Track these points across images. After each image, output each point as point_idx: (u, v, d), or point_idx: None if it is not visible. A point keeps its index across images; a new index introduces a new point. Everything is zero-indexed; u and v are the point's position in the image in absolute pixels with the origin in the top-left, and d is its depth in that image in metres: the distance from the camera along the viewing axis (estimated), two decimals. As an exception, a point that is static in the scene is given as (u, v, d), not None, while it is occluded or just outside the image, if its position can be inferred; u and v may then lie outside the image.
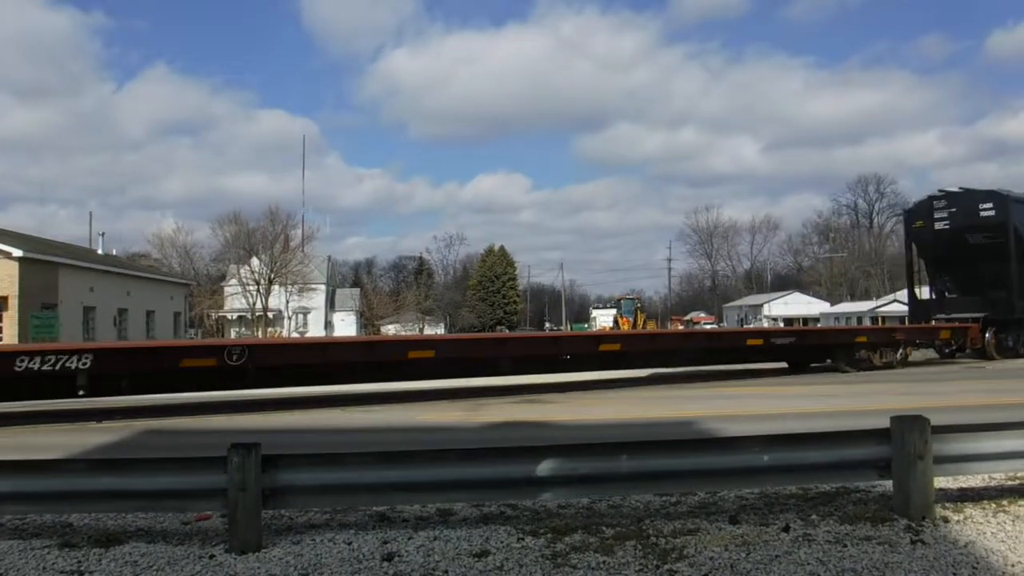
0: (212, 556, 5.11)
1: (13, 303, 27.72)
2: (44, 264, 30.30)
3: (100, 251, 46.12)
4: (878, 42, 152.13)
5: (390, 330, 69.01)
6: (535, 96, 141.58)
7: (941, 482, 6.20)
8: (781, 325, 57.78)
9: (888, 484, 5.84)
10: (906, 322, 29.26)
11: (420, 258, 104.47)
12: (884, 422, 5.73)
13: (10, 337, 27.20)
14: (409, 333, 60.89)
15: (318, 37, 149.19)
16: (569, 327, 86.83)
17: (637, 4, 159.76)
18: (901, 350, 21.94)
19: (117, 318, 36.66)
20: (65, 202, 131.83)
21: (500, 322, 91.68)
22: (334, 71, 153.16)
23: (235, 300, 64.69)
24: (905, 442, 5.52)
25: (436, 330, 74.71)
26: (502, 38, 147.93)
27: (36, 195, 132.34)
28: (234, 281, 64.04)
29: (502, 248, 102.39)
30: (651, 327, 49.77)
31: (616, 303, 65.10)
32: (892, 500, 5.78)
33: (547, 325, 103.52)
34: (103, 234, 49.83)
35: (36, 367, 12.43)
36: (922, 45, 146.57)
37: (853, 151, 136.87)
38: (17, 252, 28.20)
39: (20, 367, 12.37)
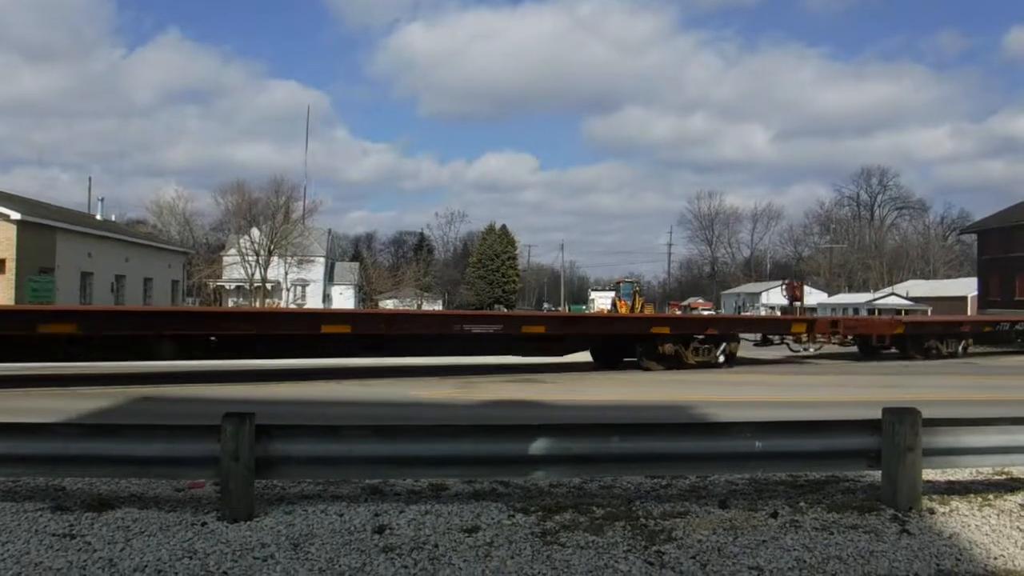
0: (204, 524, 5.14)
1: (10, 266, 27.65)
2: (42, 228, 30.20)
3: (99, 216, 45.90)
4: (895, 36, 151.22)
5: (388, 305, 69.03)
6: (548, 76, 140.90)
7: (929, 474, 6.25)
8: (778, 313, 57.85)
9: (877, 474, 5.87)
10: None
11: (421, 234, 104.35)
12: (877, 413, 5.75)
13: (6, 300, 27.15)
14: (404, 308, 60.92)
15: (334, 8, 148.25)
16: (567, 308, 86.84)
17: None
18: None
19: (115, 284, 36.61)
20: (67, 166, 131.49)
21: (498, 300, 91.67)
22: (348, 43, 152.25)
23: (233, 270, 64.60)
24: (896, 433, 5.54)
25: (435, 306, 74.73)
26: (518, 16, 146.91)
27: (39, 158, 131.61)
28: (233, 251, 63.92)
29: (503, 227, 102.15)
30: (648, 311, 49.82)
31: (615, 286, 65.05)
32: (880, 490, 5.82)
33: (545, 305, 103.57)
34: (102, 199, 49.60)
35: None
36: (939, 40, 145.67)
37: (861, 143, 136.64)
38: (15, 215, 28.09)
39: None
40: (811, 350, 23.26)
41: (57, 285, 29.63)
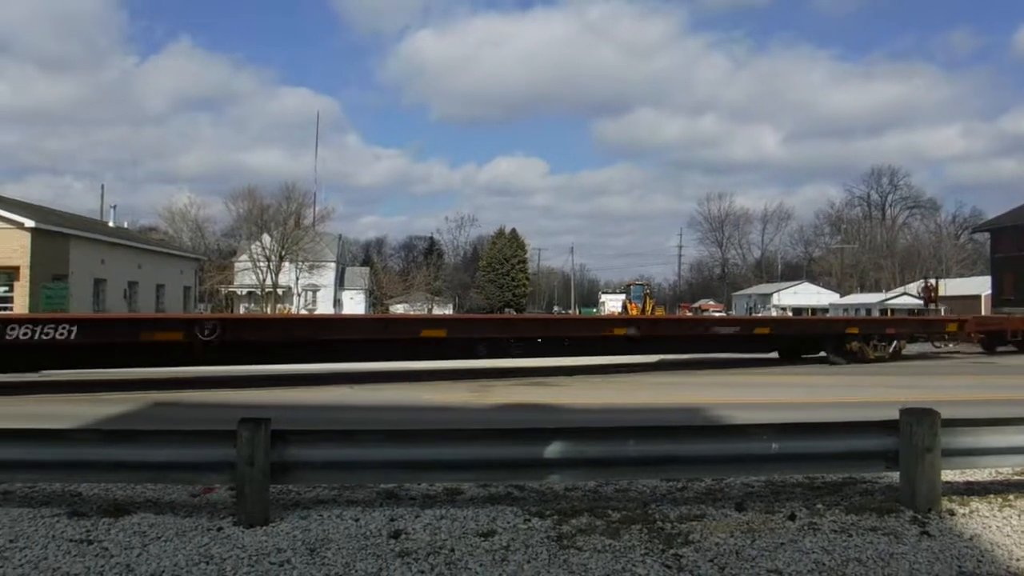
0: (220, 528, 5.15)
1: (25, 273, 27.85)
2: (56, 235, 30.41)
3: (112, 223, 46.20)
4: (905, 36, 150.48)
5: (399, 309, 69.08)
6: (558, 80, 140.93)
7: (948, 475, 6.19)
8: (790, 314, 57.64)
9: (895, 476, 5.82)
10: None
11: (431, 239, 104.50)
12: (894, 414, 5.71)
13: (21, 307, 27.36)
14: (419, 313, 60.95)
15: (344, 15, 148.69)
16: (578, 311, 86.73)
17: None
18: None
19: (127, 291, 36.82)
20: (81, 174, 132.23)
21: (509, 304, 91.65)
22: (359, 50, 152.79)
23: (245, 276, 64.83)
24: (914, 434, 5.49)
25: (445, 310, 74.75)
26: (528, 21, 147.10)
27: (52, 167, 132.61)
28: (245, 257, 64.16)
29: (513, 231, 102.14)
30: (659, 313, 49.67)
31: (625, 288, 64.91)
32: (899, 492, 5.77)
33: (556, 309, 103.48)
34: (115, 207, 49.95)
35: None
36: (950, 39, 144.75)
37: (872, 143, 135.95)
38: (29, 223, 28.30)
39: None
40: (951, 346, 26.35)
41: (71, 292, 29.82)
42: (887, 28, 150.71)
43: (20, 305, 27.45)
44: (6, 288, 28.17)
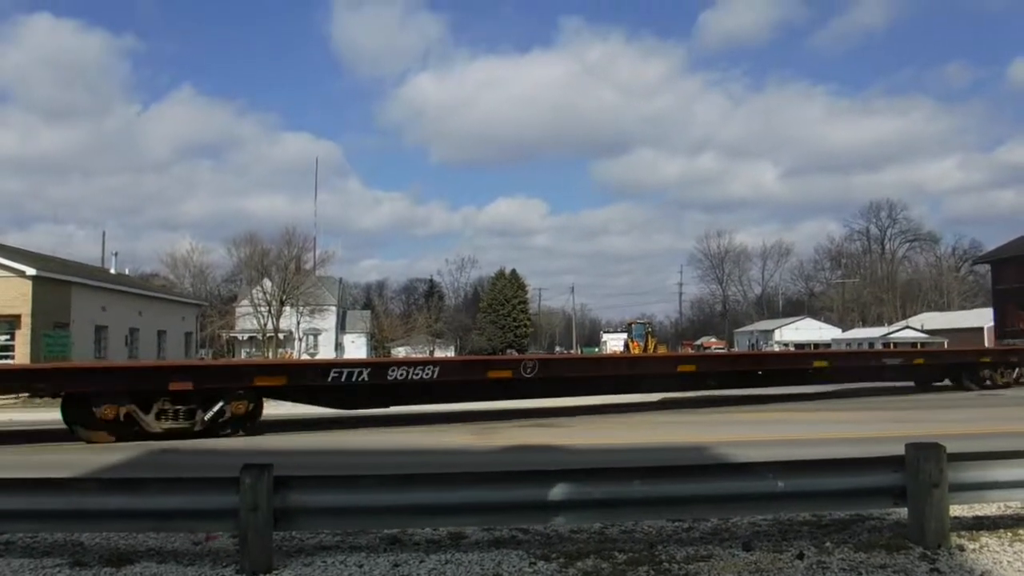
0: (223, 577, 5.09)
1: (26, 321, 27.86)
2: (57, 283, 30.49)
3: (113, 270, 46.36)
4: (902, 70, 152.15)
5: (400, 352, 68.98)
6: (557, 121, 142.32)
7: (957, 510, 6.13)
8: (791, 348, 57.52)
9: (903, 512, 5.77)
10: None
11: (431, 281, 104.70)
12: (899, 449, 5.68)
13: (22, 356, 27.32)
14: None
15: (345, 60, 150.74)
16: (580, 351, 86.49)
17: (663, 31, 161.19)
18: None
19: (128, 337, 36.79)
20: (83, 222, 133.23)
21: (510, 345, 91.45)
22: (359, 95, 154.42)
23: (246, 321, 64.88)
24: (920, 470, 5.46)
25: (447, 352, 74.58)
26: (527, 64, 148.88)
27: (55, 214, 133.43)
28: (246, 302, 64.28)
29: (513, 271, 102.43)
30: (662, 352, 49.54)
31: (627, 327, 64.84)
32: (907, 528, 5.72)
33: (558, 349, 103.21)
34: (116, 254, 50.20)
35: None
36: (945, 72, 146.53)
37: (871, 177, 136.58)
38: (31, 271, 28.40)
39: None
40: None
41: (72, 339, 29.80)
42: (884, 63, 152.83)
43: (21, 354, 27.41)
44: (7, 336, 28.16)
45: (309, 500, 5.41)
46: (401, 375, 14.92)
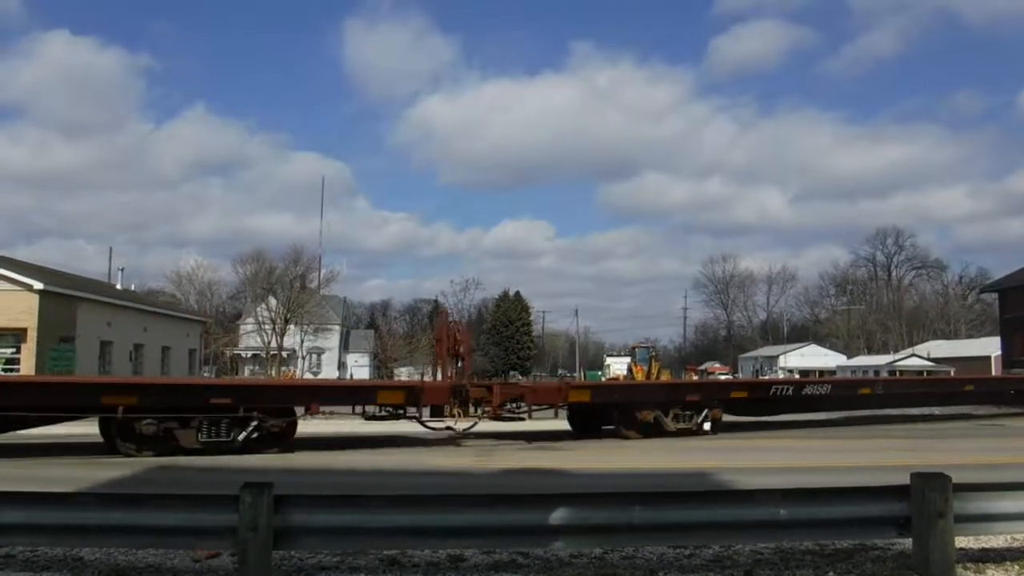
0: (220, 596, 5.06)
1: (32, 335, 27.91)
2: (64, 297, 30.56)
3: (119, 286, 46.51)
4: (912, 98, 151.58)
5: (403, 373, 68.85)
6: (565, 145, 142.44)
7: (962, 541, 6.08)
8: (796, 375, 57.27)
9: (908, 542, 5.72)
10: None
11: (435, 302, 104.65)
12: (904, 478, 5.64)
13: (27, 369, 27.34)
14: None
15: (357, 82, 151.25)
16: (583, 375, 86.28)
17: (672, 57, 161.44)
18: None
19: (133, 353, 36.82)
20: (92, 237, 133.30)
21: (513, 367, 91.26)
22: (370, 116, 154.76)
23: (250, 338, 64.94)
24: (926, 500, 5.42)
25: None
26: (536, 87, 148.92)
27: (64, 229, 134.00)
28: (250, 319, 64.38)
29: (517, 293, 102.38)
30: (665, 377, 49.30)
31: (631, 351, 64.69)
32: (912, 559, 5.66)
33: (561, 372, 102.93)
34: (122, 269, 50.37)
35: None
36: (955, 100, 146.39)
37: (878, 204, 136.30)
38: (38, 285, 28.50)
39: None
40: None
41: (77, 354, 29.84)
42: (894, 91, 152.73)
43: (27, 367, 27.43)
44: (14, 350, 28.21)
45: (309, 520, 5.39)
46: (815, 390, 20.23)
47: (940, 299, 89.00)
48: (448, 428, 16.31)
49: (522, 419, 17.02)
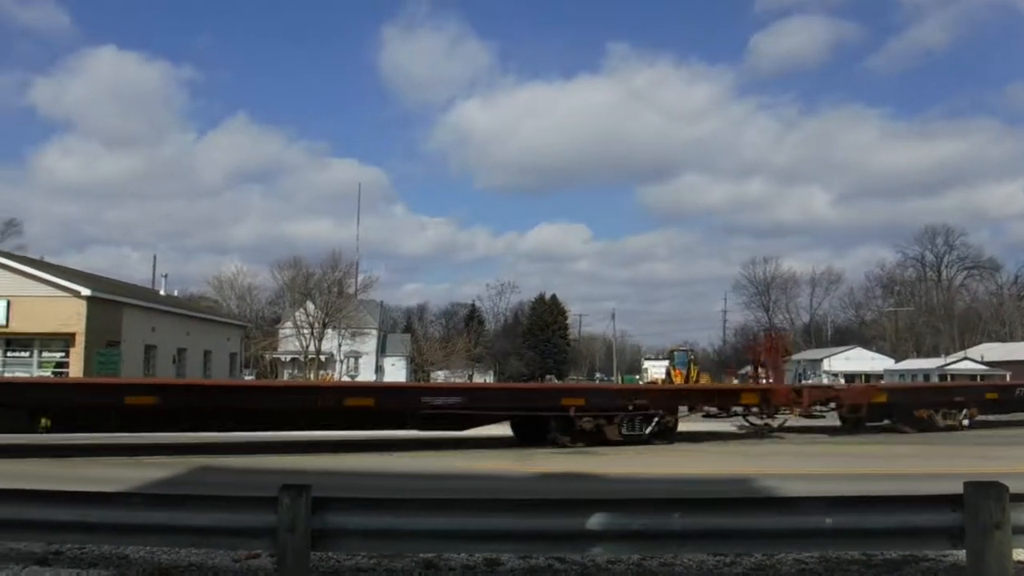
0: (260, 597, 5.09)
1: (80, 340, 28.59)
2: (110, 303, 31.24)
3: (162, 292, 47.44)
4: (963, 91, 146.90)
5: (439, 376, 69.16)
6: (602, 147, 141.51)
7: (1021, 554, 5.86)
8: (842, 381, 56.21)
9: (961, 554, 5.53)
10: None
11: (472, 306, 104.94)
12: (957, 487, 5.45)
13: (76, 372, 27.99)
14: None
15: (393, 88, 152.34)
16: (620, 378, 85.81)
17: (711, 56, 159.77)
18: None
19: (176, 357, 37.50)
20: (138, 245, 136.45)
21: (550, 371, 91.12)
22: (406, 121, 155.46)
23: (289, 342, 65.80)
24: (980, 509, 5.23)
25: (486, 378, 74.59)
26: (572, 90, 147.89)
27: (112, 237, 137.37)
28: (289, 324, 65.23)
29: (553, 297, 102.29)
30: (705, 380, 48.75)
31: (669, 355, 64.11)
32: (965, 571, 5.47)
33: (598, 376, 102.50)
34: (166, 275, 51.40)
35: None
36: (1008, 93, 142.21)
37: (927, 202, 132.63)
38: (85, 291, 29.18)
39: None
40: None
41: (123, 358, 30.49)
42: (943, 85, 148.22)
43: (76, 370, 28.09)
44: (63, 354, 28.95)
45: (347, 522, 5.39)
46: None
47: (994, 300, 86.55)
48: (766, 424, 19.18)
49: (822, 417, 21.04)
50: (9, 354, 29.12)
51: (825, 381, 61.64)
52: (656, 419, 16.86)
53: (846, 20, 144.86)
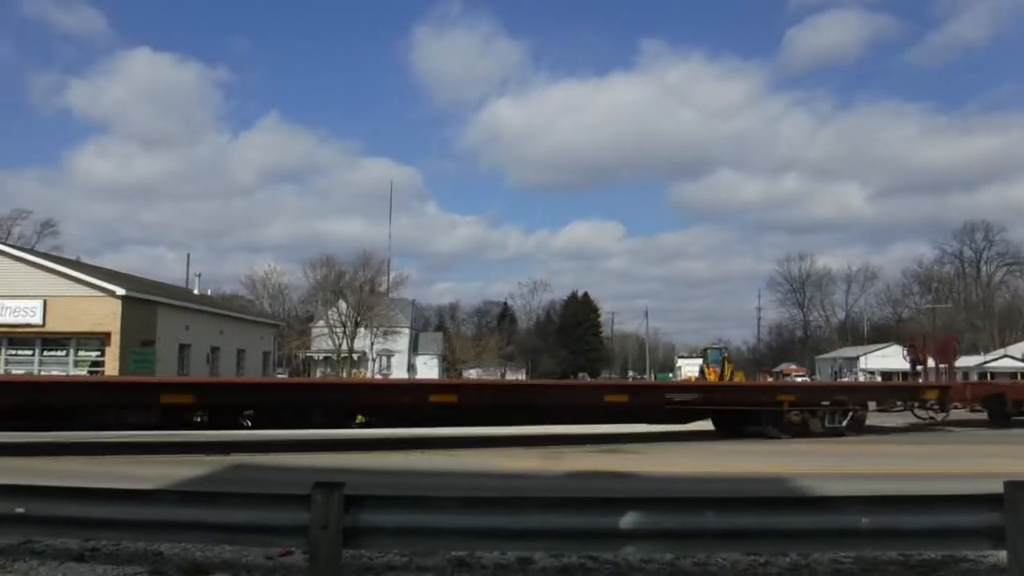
0: (293, 594, 5.13)
1: (115, 339, 29.10)
2: (144, 303, 31.76)
3: (196, 291, 48.14)
4: (1004, 85, 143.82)
5: (472, 375, 69.33)
6: (635, 144, 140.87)
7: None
8: (878, 379, 55.29)
9: (1002, 555, 5.41)
10: None
11: (504, 304, 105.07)
12: (997, 486, 5.33)
13: (111, 371, 28.51)
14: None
15: (426, 87, 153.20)
16: (654, 376, 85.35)
17: (746, 51, 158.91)
18: None
19: (210, 356, 38.01)
20: (173, 244, 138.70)
21: (582, 369, 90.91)
22: (438, 120, 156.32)
23: (321, 341, 66.41)
24: (1021, 510, 5.11)
25: (518, 376, 74.64)
26: (606, 87, 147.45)
27: (147, 237, 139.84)
28: (322, 322, 65.84)
29: (586, 295, 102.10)
30: (739, 378, 48.30)
31: (702, 352, 63.61)
32: (1006, 573, 5.35)
33: (631, 374, 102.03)
34: (199, 275, 52.25)
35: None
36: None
37: (966, 198, 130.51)
38: (120, 291, 29.70)
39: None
40: None
41: (157, 356, 30.98)
42: (984, 78, 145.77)
43: (111, 368, 28.61)
44: (99, 353, 29.49)
45: (379, 520, 5.42)
46: None
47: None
48: (931, 418, 20.89)
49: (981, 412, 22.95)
50: (46, 353, 29.76)
51: (861, 379, 60.73)
52: (851, 413, 18.38)
53: (883, 14, 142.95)
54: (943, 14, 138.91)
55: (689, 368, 66.91)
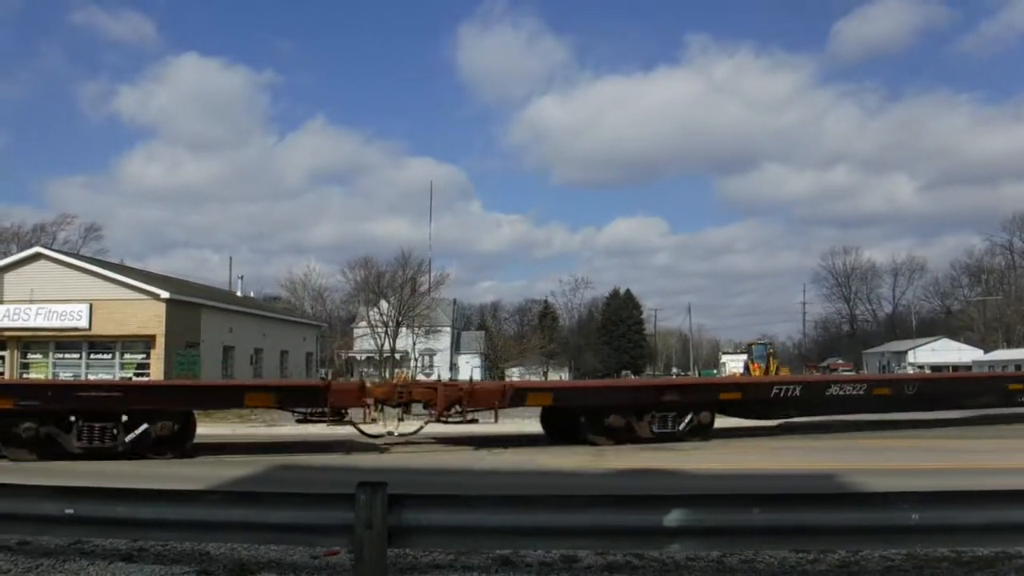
0: (338, 592, 5.17)
1: (160, 341, 29.70)
2: (188, 305, 32.37)
3: (239, 293, 48.92)
4: None
5: (514, 373, 69.40)
6: (681, 140, 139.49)
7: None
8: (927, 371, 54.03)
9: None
10: None
11: (545, 302, 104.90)
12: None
13: (156, 373, 29.12)
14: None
15: (470, 86, 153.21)
16: (698, 373, 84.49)
17: (792, 44, 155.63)
18: None
19: (254, 357, 38.58)
20: (219, 247, 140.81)
21: (625, 366, 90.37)
22: (483, 118, 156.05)
23: (364, 341, 67.02)
24: (1079, 504, 4.94)
25: (560, 374, 74.50)
26: (651, 82, 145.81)
27: (193, 240, 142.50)
28: (363, 323, 66.43)
29: (628, 292, 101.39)
30: (784, 373, 47.51)
31: (747, 348, 62.75)
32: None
33: (674, 371, 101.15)
34: (241, 277, 53.18)
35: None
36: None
37: (1018, 188, 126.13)
38: (164, 294, 30.29)
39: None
40: None
41: (201, 358, 31.56)
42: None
43: (156, 371, 29.22)
44: (144, 355, 30.15)
45: (423, 518, 5.43)
46: None
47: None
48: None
49: None
50: (92, 356, 30.49)
51: (910, 372, 59.38)
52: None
53: (934, 3, 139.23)
54: (997, 2, 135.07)
55: (734, 364, 66.09)
